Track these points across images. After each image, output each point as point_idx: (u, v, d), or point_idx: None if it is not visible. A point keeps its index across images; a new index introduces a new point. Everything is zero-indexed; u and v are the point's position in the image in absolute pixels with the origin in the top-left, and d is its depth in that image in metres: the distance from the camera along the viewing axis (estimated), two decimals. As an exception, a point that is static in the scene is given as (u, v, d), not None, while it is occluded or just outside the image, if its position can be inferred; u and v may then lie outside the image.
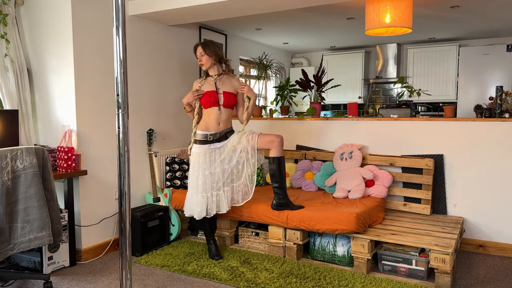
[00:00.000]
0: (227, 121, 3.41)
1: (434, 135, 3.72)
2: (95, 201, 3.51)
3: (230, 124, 3.46)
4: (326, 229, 3.15)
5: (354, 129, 4.07)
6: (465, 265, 3.28)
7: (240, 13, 3.80)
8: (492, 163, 3.51)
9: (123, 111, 2.04)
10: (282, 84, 4.77)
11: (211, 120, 3.34)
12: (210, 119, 3.34)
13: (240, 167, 3.38)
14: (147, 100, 4.07)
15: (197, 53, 3.37)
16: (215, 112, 3.34)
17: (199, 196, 3.31)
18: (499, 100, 3.60)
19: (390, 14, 3.51)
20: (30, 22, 3.51)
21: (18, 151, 2.50)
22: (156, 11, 3.70)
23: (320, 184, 4.01)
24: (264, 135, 3.38)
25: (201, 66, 3.38)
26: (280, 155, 3.33)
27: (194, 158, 3.35)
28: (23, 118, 3.42)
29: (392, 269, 3.06)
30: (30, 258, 3.16)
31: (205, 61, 3.34)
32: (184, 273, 3.13)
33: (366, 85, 6.98)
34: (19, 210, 2.49)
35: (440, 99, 6.22)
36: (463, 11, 4.52)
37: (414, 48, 6.37)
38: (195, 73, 4.75)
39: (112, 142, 3.63)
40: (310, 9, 4.37)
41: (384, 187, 3.70)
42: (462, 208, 3.64)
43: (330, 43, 6.57)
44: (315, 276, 3.01)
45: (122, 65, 2.01)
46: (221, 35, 5.29)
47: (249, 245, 3.67)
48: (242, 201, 3.40)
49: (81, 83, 3.38)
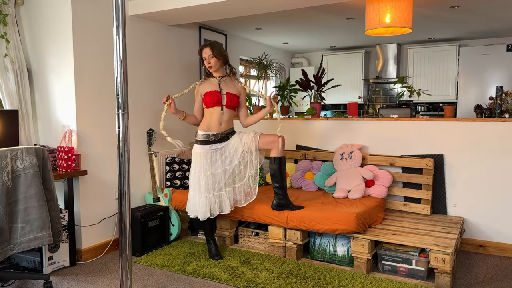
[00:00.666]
0: (229, 122, 3.41)
1: (434, 135, 3.72)
2: (95, 201, 3.51)
3: (232, 125, 3.45)
4: (326, 229, 3.15)
5: (354, 129, 4.07)
6: (465, 265, 3.28)
7: (240, 13, 3.80)
8: (492, 163, 3.51)
9: (123, 111, 2.04)
10: (282, 84, 4.77)
11: (213, 120, 3.33)
12: (212, 119, 3.34)
13: (242, 168, 3.38)
14: (147, 100, 4.07)
15: (203, 55, 3.31)
16: (218, 112, 3.33)
17: (202, 196, 3.31)
18: (499, 100, 3.60)
19: (390, 14, 3.51)
20: (30, 22, 3.51)
21: (18, 151, 2.50)
22: (156, 11, 3.70)
23: (320, 184, 4.01)
24: (266, 135, 3.38)
25: (209, 68, 3.32)
26: (281, 155, 3.33)
27: (196, 159, 3.35)
28: (23, 118, 3.42)
29: (392, 269, 3.06)
30: (30, 258, 3.16)
31: (213, 63, 3.29)
32: (184, 273, 3.13)
33: (366, 85, 6.98)
34: (19, 210, 2.49)
35: (440, 99, 6.22)
36: (463, 11, 4.52)
37: (414, 48, 6.37)
38: (195, 73, 4.75)
39: (112, 142, 3.63)
40: (310, 9, 4.37)
41: (384, 187, 3.70)
42: (462, 208, 3.64)
43: (330, 43, 6.57)
44: (315, 276, 3.01)
45: (122, 65, 2.01)
46: (221, 35, 5.29)
47: (249, 245, 3.67)
48: (245, 202, 3.39)
49: (81, 83, 3.38)
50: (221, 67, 3.37)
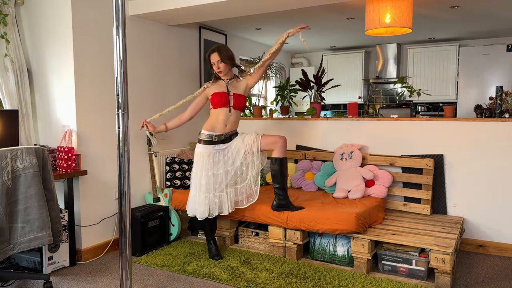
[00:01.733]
0: (234, 124, 3.41)
1: (434, 135, 3.72)
2: (95, 201, 3.51)
3: (237, 126, 3.46)
4: (326, 229, 3.15)
5: (354, 129, 4.07)
6: (465, 265, 3.28)
7: (240, 13, 3.80)
8: (492, 163, 3.51)
9: (123, 111, 2.04)
10: (282, 84, 4.77)
11: (219, 121, 3.33)
12: (218, 120, 3.34)
13: (244, 169, 3.38)
14: (147, 100, 4.07)
15: (212, 60, 3.32)
16: (225, 113, 3.33)
17: (202, 196, 3.31)
18: (499, 100, 3.60)
19: (390, 14, 3.51)
20: (30, 22, 3.51)
21: (18, 151, 2.50)
22: (156, 11, 3.70)
23: (320, 184, 4.01)
24: (268, 136, 3.39)
25: (219, 73, 3.34)
26: (283, 156, 3.33)
27: (198, 158, 3.35)
28: (23, 118, 3.42)
29: (392, 269, 3.06)
30: (30, 258, 3.16)
31: (223, 68, 3.31)
32: (184, 273, 3.13)
33: (366, 85, 6.98)
34: (19, 210, 2.49)
35: (440, 99, 6.22)
36: (463, 11, 4.52)
37: (414, 48, 6.36)
38: (195, 73, 4.75)
39: (112, 142, 3.63)
40: (310, 9, 4.37)
41: (384, 187, 3.70)
42: (462, 208, 3.64)
43: (330, 43, 6.57)
44: (315, 276, 3.01)
45: (122, 65, 2.02)
46: (221, 35, 5.29)
47: (249, 245, 3.67)
48: (246, 203, 3.39)
49: (81, 83, 3.38)
50: (230, 70, 3.39)
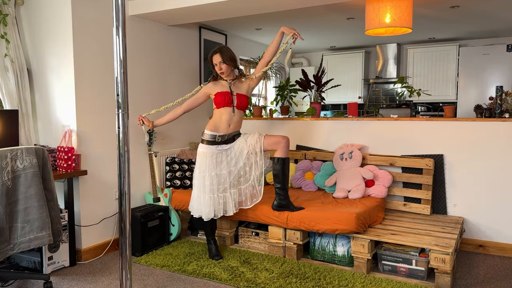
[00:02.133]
0: (238, 124, 3.40)
1: (434, 135, 3.72)
2: (95, 201, 3.51)
3: (240, 127, 3.45)
4: (326, 229, 3.15)
5: (354, 129, 4.07)
6: (465, 265, 3.28)
7: (240, 13, 3.80)
8: (492, 163, 3.51)
9: (123, 111, 2.04)
10: (282, 84, 4.77)
11: (222, 121, 3.33)
12: (222, 120, 3.33)
13: (247, 169, 3.38)
14: (147, 100, 4.07)
15: (214, 61, 3.31)
16: (228, 113, 3.32)
17: (207, 197, 3.30)
18: (499, 100, 3.60)
19: (390, 14, 3.51)
20: (30, 22, 3.51)
21: (18, 151, 2.50)
22: (156, 11, 3.70)
23: (320, 184, 4.01)
24: (270, 136, 3.38)
25: (221, 74, 3.33)
26: (285, 156, 3.33)
27: (201, 158, 3.34)
28: (23, 118, 3.42)
29: (392, 269, 3.06)
30: (30, 258, 3.16)
31: (225, 69, 3.29)
32: (184, 273, 3.13)
33: (366, 85, 6.97)
34: (19, 210, 2.49)
35: (440, 99, 6.22)
36: (463, 11, 4.52)
37: (414, 48, 6.36)
38: (195, 73, 4.75)
39: (112, 142, 3.63)
40: (310, 9, 4.37)
41: (384, 187, 3.70)
42: (462, 208, 3.64)
43: (330, 43, 6.57)
44: (315, 276, 3.01)
45: (122, 65, 2.02)
46: (221, 35, 5.29)
47: (249, 245, 3.67)
48: (250, 203, 3.39)
49: (81, 83, 3.38)
50: (232, 71, 3.38)
